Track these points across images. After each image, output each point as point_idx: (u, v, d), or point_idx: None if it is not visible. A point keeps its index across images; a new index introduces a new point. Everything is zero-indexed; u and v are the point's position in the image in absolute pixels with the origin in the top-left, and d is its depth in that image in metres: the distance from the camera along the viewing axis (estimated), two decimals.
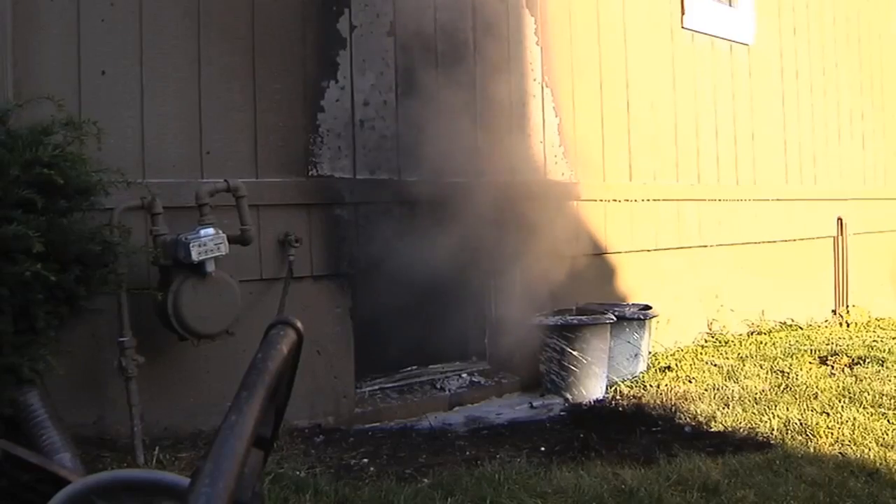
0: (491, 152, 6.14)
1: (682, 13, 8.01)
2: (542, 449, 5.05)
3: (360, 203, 5.68)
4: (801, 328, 8.86)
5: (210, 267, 4.54)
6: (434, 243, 5.62)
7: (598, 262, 7.17)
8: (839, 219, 9.75)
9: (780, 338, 8.16)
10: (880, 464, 4.57)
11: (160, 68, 4.92)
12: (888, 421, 5.34)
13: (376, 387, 6.03)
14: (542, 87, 6.79)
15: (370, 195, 5.72)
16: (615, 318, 6.28)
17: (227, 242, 4.60)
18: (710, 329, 8.18)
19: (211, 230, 4.54)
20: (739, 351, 7.53)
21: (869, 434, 5.07)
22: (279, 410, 1.65)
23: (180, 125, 5.01)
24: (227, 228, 4.71)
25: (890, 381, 6.31)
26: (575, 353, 6.05)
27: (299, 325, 1.63)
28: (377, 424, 5.65)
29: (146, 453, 4.43)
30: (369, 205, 5.72)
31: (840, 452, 4.79)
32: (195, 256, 4.44)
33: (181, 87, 5.01)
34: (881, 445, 4.87)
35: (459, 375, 6.32)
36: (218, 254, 4.55)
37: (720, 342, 7.96)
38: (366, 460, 4.85)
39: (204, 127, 5.08)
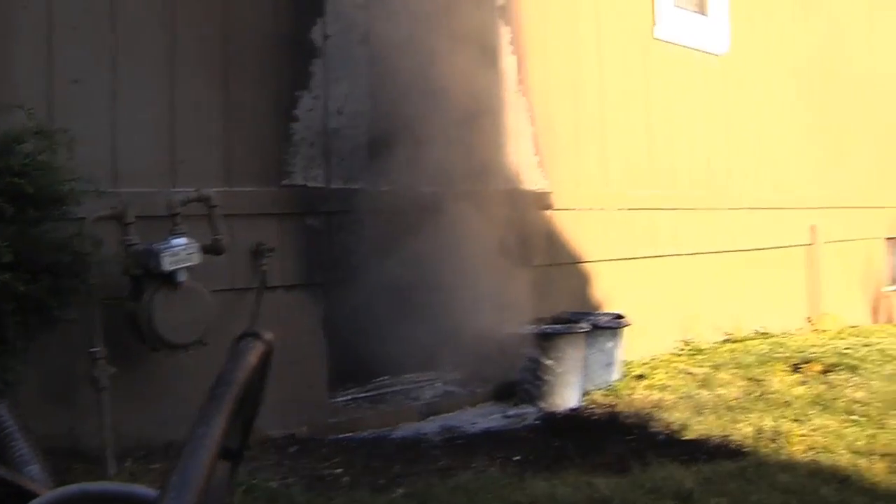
0: (465, 161, 6.13)
1: (654, 24, 8.06)
2: (517, 458, 5.04)
3: (334, 212, 5.67)
4: (775, 336, 8.89)
5: (182, 277, 4.52)
6: (408, 252, 5.62)
7: (573, 271, 7.18)
8: (812, 227, 9.81)
9: (754, 345, 8.19)
10: (852, 471, 4.60)
11: (133, 77, 4.90)
12: (860, 428, 5.36)
13: (350, 396, 6.01)
14: (517, 97, 6.80)
15: (344, 204, 5.71)
16: (589, 328, 6.30)
17: (199, 252, 4.59)
18: (685, 337, 8.20)
19: (183, 240, 4.52)
20: (713, 359, 7.55)
21: (841, 441, 5.10)
22: (248, 422, 1.64)
23: (153, 134, 5.00)
24: (199, 238, 4.69)
25: (862, 388, 6.35)
26: (549, 362, 6.05)
27: (268, 336, 1.62)
28: (351, 434, 5.62)
29: (118, 465, 4.40)
30: (343, 214, 5.71)
31: (812, 460, 4.82)
32: (167, 266, 4.42)
33: (154, 97, 5.00)
34: (853, 452, 4.89)
35: (433, 385, 6.32)
36: (190, 263, 4.53)
37: (694, 350, 7.98)
38: (339, 470, 4.82)
39: (176, 136, 5.07)
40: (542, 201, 6.92)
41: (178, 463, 1.22)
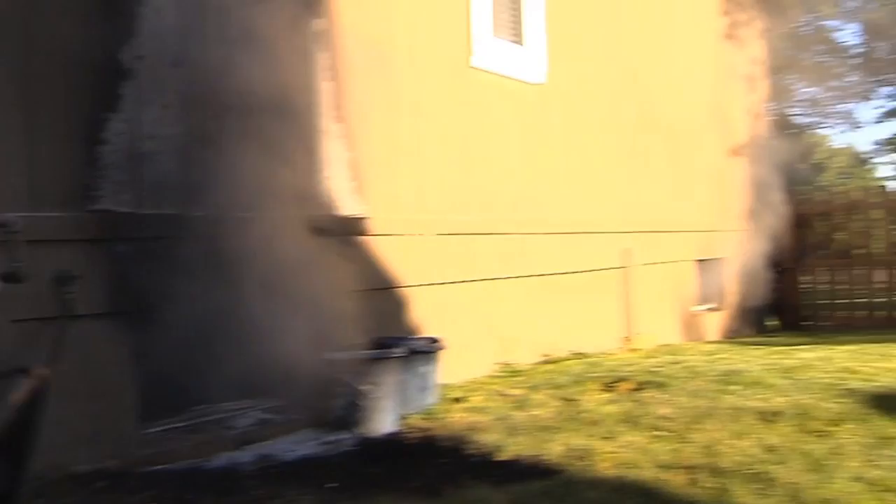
0: (279, 187, 6.08)
1: (471, 52, 8.22)
2: (331, 485, 5.00)
3: (145, 238, 5.53)
4: (591, 356, 9.16)
5: None
6: (222, 278, 5.54)
7: (390, 297, 7.22)
8: (627, 250, 10.18)
9: (571, 366, 8.41)
10: (655, 484, 4.76)
11: None
12: (665, 443, 5.56)
13: (164, 427, 5.85)
14: (334, 123, 6.81)
15: (155, 230, 5.58)
16: (405, 352, 6.34)
17: None
18: (503, 359, 8.35)
19: None
20: (530, 380, 7.71)
21: (647, 456, 5.27)
22: (18, 462, 1.59)
23: None
24: None
25: (669, 404, 6.58)
26: (365, 387, 6.06)
27: (40, 371, 1.58)
28: (165, 466, 5.47)
29: None
30: (154, 240, 5.58)
31: (619, 475, 4.96)
32: None
33: None
34: (658, 466, 5.06)
35: (250, 413, 6.22)
36: None
37: (512, 372, 8.14)
38: None
39: None
40: (358, 227, 6.94)
41: None
